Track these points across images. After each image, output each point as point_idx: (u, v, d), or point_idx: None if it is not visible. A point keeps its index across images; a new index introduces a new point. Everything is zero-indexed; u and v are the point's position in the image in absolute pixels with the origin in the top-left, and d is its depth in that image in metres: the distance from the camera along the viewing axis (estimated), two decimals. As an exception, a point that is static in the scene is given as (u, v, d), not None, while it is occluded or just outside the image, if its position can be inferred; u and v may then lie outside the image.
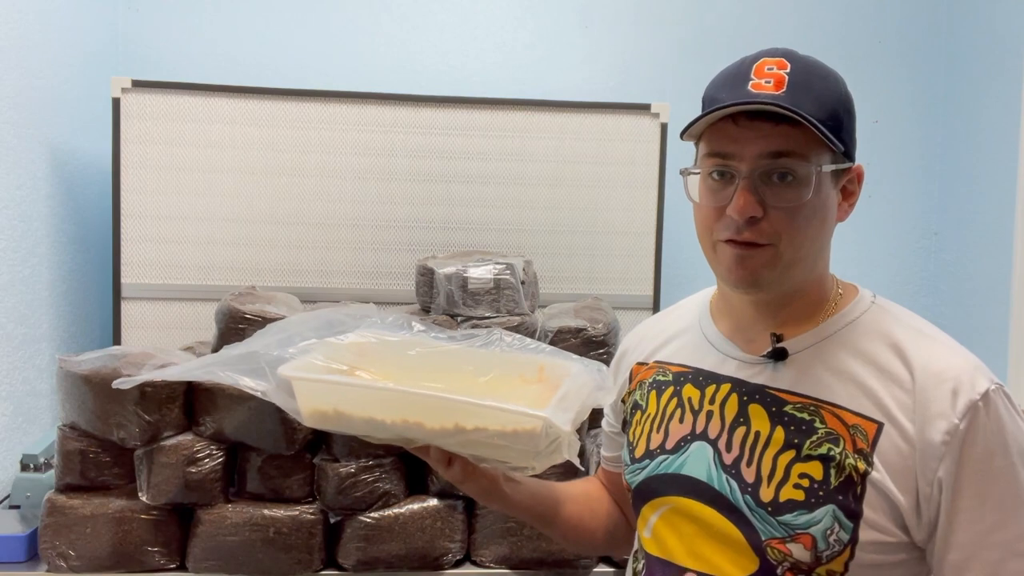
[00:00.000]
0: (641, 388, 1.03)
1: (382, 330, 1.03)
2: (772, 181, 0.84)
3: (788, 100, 0.82)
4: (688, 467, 0.92)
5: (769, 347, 0.91)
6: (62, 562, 1.35)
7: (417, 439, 0.93)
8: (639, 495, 0.98)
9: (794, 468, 0.85)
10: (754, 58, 0.87)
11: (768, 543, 0.85)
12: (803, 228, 0.85)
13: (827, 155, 0.85)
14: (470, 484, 0.99)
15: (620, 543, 1.17)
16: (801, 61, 0.86)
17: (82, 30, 2.00)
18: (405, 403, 0.90)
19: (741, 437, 0.89)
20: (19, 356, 1.70)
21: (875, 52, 2.38)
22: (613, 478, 1.15)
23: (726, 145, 0.85)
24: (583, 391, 0.94)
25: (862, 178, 0.91)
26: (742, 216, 0.83)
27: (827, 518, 0.83)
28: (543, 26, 2.31)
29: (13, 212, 1.68)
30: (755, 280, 0.87)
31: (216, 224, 1.94)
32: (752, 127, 0.83)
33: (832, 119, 0.84)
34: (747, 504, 0.86)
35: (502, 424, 0.87)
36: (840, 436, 0.84)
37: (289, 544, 1.37)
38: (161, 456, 1.36)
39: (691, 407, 0.95)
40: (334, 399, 0.92)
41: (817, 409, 0.86)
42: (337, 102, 1.96)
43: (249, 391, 0.94)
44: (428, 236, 2.00)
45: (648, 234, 2.04)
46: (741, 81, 0.85)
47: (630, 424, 1.04)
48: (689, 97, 2.30)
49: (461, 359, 1.01)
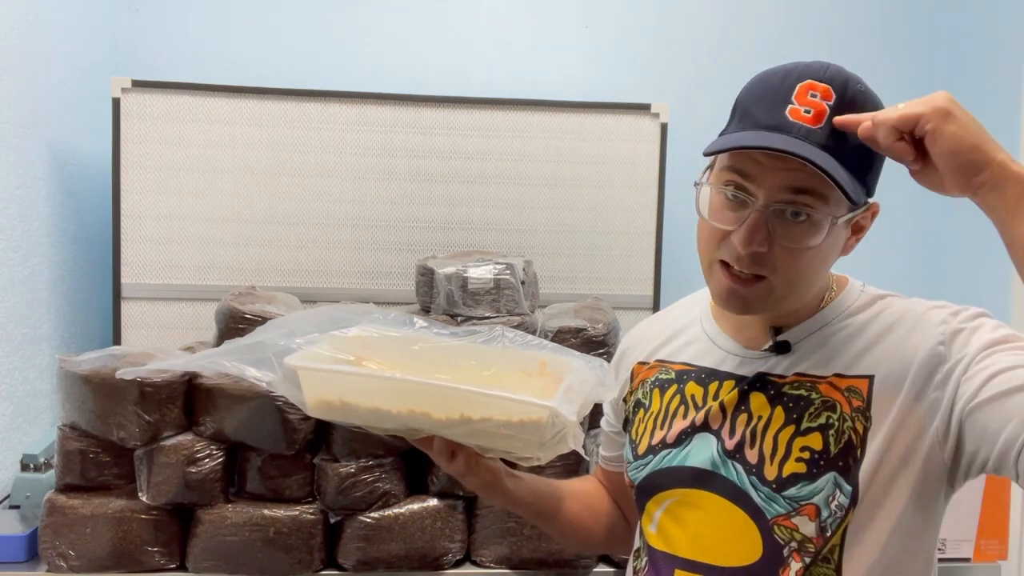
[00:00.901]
0: (643, 387, 1.03)
1: (384, 326, 1.04)
2: (785, 217, 0.82)
3: (822, 138, 0.80)
4: (692, 458, 0.93)
5: (769, 341, 0.92)
6: (62, 562, 1.35)
7: (423, 429, 0.93)
8: (643, 491, 0.99)
9: (795, 442, 0.86)
10: (799, 76, 0.82)
11: (775, 522, 0.86)
12: (803, 269, 0.85)
13: (846, 200, 0.83)
14: (472, 478, 0.99)
15: (619, 542, 1.17)
16: (847, 91, 0.82)
17: (82, 30, 2.00)
18: (412, 393, 0.90)
19: (743, 424, 0.90)
20: (19, 356, 1.70)
21: (873, 51, 2.38)
22: (612, 477, 1.15)
23: (748, 165, 0.83)
24: (586, 385, 0.95)
25: (876, 215, 0.90)
26: (746, 250, 0.82)
27: (828, 485, 0.84)
28: (543, 26, 2.31)
29: (13, 212, 1.68)
30: (746, 309, 0.88)
31: (216, 224, 1.94)
32: (779, 157, 0.80)
33: (864, 160, 0.82)
34: (752, 485, 0.87)
35: (508, 414, 0.87)
36: (836, 401, 0.86)
37: (289, 544, 1.37)
38: (161, 456, 1.36)
39: (694, 403, 0.95)
40: (340, 389, 0.92)
41: (813, 384, 0.88)
42: (337, 102, 1.96)
43: (255, 381, 0.94)
44: (428, 236, 2.00)
45: (648, 234, 2.04)
46: (780, 103, 0.82)
47: (632, 423, 1.04)
48: (689, 97, 2.32)
49: (464, 354, 1.01)
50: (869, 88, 0.84)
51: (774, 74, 0.85)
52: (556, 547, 1.43)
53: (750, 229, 0.81)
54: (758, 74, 0.87)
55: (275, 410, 1.35)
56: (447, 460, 0.96)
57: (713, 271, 0.88)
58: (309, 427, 1.39)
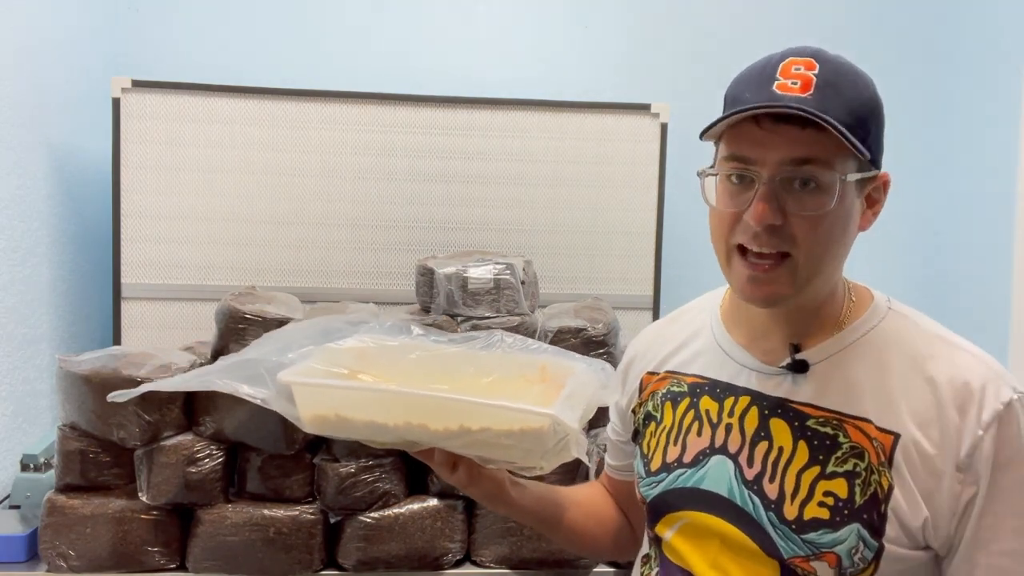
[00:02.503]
0: (654, 399, 1.00)
1: (381, 335, 1.02)
2: (794, 188, 0.80)
3: (815, 104, 0.78)
4: (708, 482, 0.90)
5: (787, 357, 0.88)
6: (62, 562, 1.35)
7: (421, 442, 0.91)
8: (654, 509, 0.96)
9: (819, 486, 0.83)
10: (781, 56, 0.83)
11: (791, 561, 0.83)
12: (823, 239, 0.81)
13: (853, 163, 0.81)
14: (475, 489, 0.97)
15: (625, 549, 1.15)
16: (831, 62, 0.82)
17: (82, 30, 2.00)
18: (408, 405, 0.88)
19: (763, 452, 0.87)
20: (19, 356, 1.70)
21: (874, 51, 2.37)
22: (618, 486, 1.14)
23: (748, 148, 0.81)
24: (588, 390, 0.93)
25: (888, 186, 0.88)
26: (760, 223, 0.80)
27: (852, 537, 0.81)
28: (543, 26, 2.31)
29: (13, 212, 1.68)
30: (771, 300, 0.85)
31: (216, 224, 1.94)
32: (776, 130, 0.79)
33: (860, 125, 0.80)
34: (770, 521, 0.84)
35: (509, 424, 0.85)
36: (865, 449, 0.82)
37: (289, 544, 1.37)
38: (161, 456, 1.36)
39: (709, 420, 0.92)
40: (335, 403, 0.91)
41: (840, 423, 0.84)
42: (337, 102, 1.95)
43: (248, 399, 0.92)
44: (428, 236, 2.00)
45: (648, 234, 2.04)
46: (766, 81, 0.81)
47: (643, 435, 1.01)
48: (689, 97, 2.32)
49: (462, 361, 1.00)
50: (849, 61, 0.84)
51: (757, 62, 0.85)
52: (556, 547, 1.43)
53: (761, 203, 0.80)
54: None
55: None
56: (448, 471, 0.95)
57: (732, 262, 0.85)
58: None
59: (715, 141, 0.88)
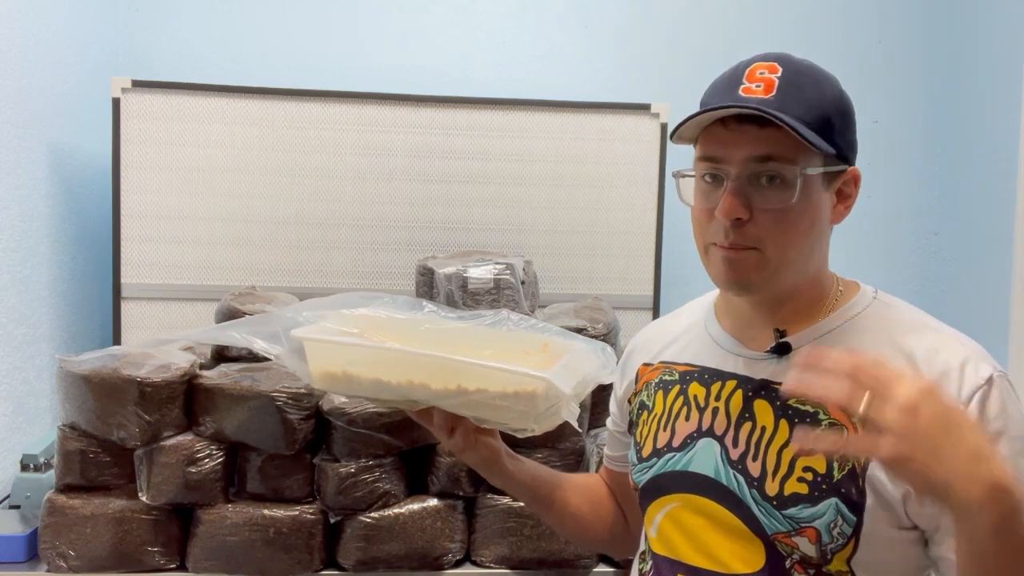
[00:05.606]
0: (647, 388, 1.03)
1: (393, 309, 1.06)
2: (760, 184, 0.85)
3: (775, 104, 0.83)
4: (695, 464, 0.93)
5: (772, 343, 0.91)
6: (62, 562, 1.35)
7: (421, 400, 0.95)
8: (646, 493, 0.99)
9: (798, 462, 0.86)
10: (748, 63, 0.89)
11: (775, 537, 0.86)
12: (788, 231, 0.86)
13: (816, 159, 0.85)
14: (471, 454, 1.01)
15: (620, 542, 1.17)
16: (793, 65, 0.87)
17: (82, 30, 2.00)
18: (412, 364, 0.93)
19: (747, 432, 0.90)
20: (19, 356, 1.70)
21: (875, 52, 2.38)
22: (616, 477, 1.15)
23: (716, 149, 0.87)
24: (585, 365, 0.96)
25: (859, 181, 0.91)
26: (728, 218, 0.85)
27: (830, 511, 0.83)
28: (543, 26, 2.31)
29: (13, 212, 1.68)
30: (744, 283, 0.88)
31: (216, 224, 1.94)
32: (740, 131, 0.85)
33: (822, 122, 0.85)
34: (753, 498, 0.87)
35: (504, 385, 0.89)
36: (844, 426, 0.84)
37: (289, 544, 1.37)
38: (161, 456, 1.36)
39: (697, 404, 0.95)
40: (343, 361, 0.95)
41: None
42: (337, 102, 1.96)
43: (263, 354, 0.97)
44: (428, 236, 2.00)
45: (648, 234, 2.04)
46: (733, 86, 0.87)
47: (636, 424, 1.04)
48: (689, 97, 2.30)
49: (468, 335, 1.03)
50: (815, 64, 0.89)
51: (728, 69, 0.91)
52: (556, 547, 1.43)
53: (728, 199, 0.85)
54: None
55: (275, 410, 1.35)
56: (447, 435, 0.98)
57: (709, 254, 0.90)
58: (309, 427, 1.39)
59: (693, 145, 0.93)
